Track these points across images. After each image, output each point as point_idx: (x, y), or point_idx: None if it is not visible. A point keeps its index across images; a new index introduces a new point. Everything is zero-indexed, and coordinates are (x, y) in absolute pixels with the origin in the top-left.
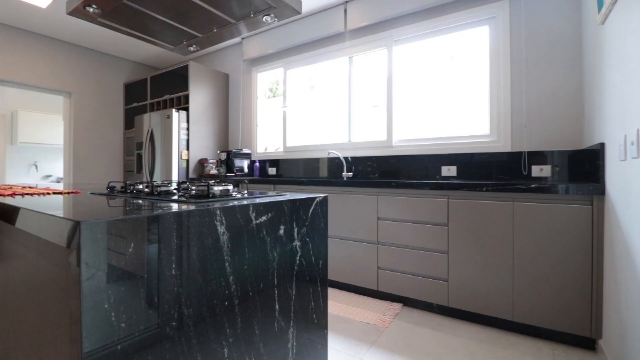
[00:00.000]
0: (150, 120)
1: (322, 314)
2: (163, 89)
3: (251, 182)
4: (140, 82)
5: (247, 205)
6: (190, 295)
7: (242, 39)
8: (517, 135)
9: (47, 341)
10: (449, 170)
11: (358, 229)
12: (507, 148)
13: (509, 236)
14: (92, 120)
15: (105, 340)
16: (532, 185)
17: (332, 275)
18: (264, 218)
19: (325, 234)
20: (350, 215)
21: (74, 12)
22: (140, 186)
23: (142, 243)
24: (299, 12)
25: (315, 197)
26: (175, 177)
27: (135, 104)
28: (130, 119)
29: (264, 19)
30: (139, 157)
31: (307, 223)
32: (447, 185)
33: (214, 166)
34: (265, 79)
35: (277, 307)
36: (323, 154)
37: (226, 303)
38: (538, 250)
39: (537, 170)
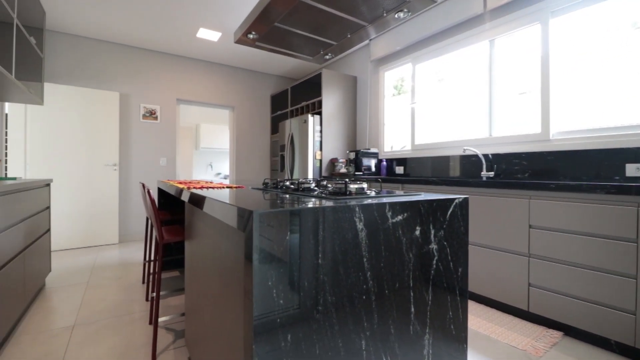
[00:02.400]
0: (290, 126)
1: (461, 326)
2: (301, 97)
3: (377, 181)
4: (282, 92)
5: (384, 204)
6: (333, 284)
7: (370, 40)
8: None
9: (226, 303)
10: (639, 170)
11: (502, 237)
12: None
13: None
14: (247, 128)
15: (268, 310)
16: None
17: (469, 286)
18: (399, 217)
19: (466, 239)
20: (491, 220)
21: (239, 41)
22: (287, 183)
23: (296, 232)
24: (434, 1)
25: (454, 199)
26: (310, 175)
27: (279, 112)
28: (275, 125)
29: (396, 16)
30: (282, 157)
31: (444, 226)
32: (636, 189)
33: (343, 165)
34: (391, 77)
35: (412, 309)
36: (455, 152)
37: (364, 297)
38: None
39: None
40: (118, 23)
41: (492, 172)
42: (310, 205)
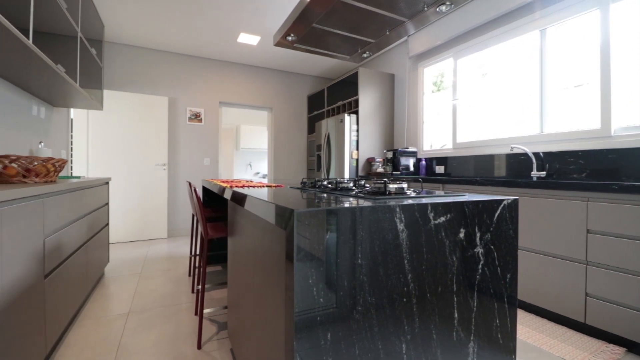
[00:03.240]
0: (327, 125)
1: (509, 335)
2: (337, 96)
3: (417, 180)
4: (318, 93)
5: (425, 205)
6: (372, 285)
7: (408, 36)
8: None
9: (267, 299)
10: None
11: (556, 242)
12: None
13: None
14: (285, 129)
15: (308, 307)
16: None
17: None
18: (442, 219)
19: (515, 243)
20: (544, 223)
21: (278, 44)
22: (325, 182)
23: (335, 232)
24: None
25: (502, 200)
26: (346, 175)
27: (315, 112)
28: (311, 125)
29: (437, 10)
30: (318, 157)
31: (491, 228)
32: None
33: (380, 165)
34: (430, 73)
35: (456, 315)
36: (500, 150)
37: (404, 299)
38: None
39: None
40: (167, 33)
41: (544, 172)
42: (349, 204)
